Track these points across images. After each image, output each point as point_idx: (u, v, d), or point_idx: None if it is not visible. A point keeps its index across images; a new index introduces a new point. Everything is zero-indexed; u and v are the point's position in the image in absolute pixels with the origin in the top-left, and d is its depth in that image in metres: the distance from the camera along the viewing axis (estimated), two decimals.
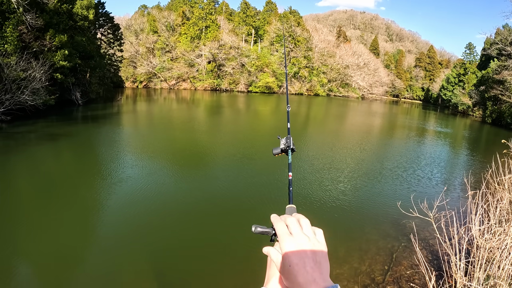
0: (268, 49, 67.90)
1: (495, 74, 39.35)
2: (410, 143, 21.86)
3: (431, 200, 7.13)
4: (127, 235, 7.37)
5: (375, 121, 34.79)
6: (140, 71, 54.66)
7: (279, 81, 64.43)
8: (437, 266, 6.30)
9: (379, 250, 7.27)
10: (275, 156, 1.62)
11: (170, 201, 9.42)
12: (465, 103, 52.84)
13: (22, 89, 17.61)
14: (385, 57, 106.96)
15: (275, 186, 11.05)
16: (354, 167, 14.05)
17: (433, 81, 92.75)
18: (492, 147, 21.36)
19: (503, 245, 4.71)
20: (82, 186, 10.11)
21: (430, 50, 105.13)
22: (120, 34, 40.31)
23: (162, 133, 19.73)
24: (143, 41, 58.57)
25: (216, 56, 58.18)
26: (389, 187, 11.75)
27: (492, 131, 33.58)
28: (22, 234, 6.96)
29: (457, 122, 42.56)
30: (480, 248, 4.95)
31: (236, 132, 22.25)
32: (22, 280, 5.73)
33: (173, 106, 36.79)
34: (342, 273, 6.30)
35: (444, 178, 13.46)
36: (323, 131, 23.71)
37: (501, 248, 4.63)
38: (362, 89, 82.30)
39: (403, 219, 8.34)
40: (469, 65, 60.51)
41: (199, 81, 58.53)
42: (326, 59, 74.34)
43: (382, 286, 5.85)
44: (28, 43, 19.48)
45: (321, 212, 9.11)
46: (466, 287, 4.28)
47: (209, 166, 13.52)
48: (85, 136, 16.78)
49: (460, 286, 4.24)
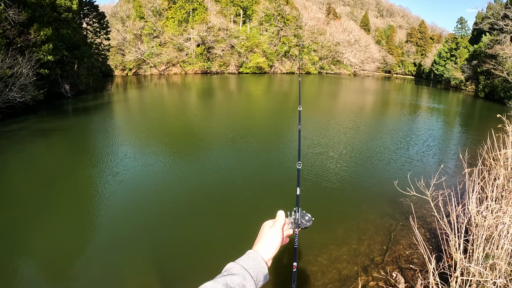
0: (257, 29, 66.82)
1: (487, 48, 39.24)
2: (403, 121, 21.88)
3: (428, 178, 7.12)
4: (126, 225, 7.34)
5: (368, 98, 34.72)
6: (129, 59, 53.55)
7: (270, 61, 63.79)
8: (435, 245, 6.36)
9: (377, 229, 7.31)
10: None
11: (168, 188, 9.36)
12: (457, 77, 52.84)
13: (10, 86, 17.15)
14: (376, 33, 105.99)
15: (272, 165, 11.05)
16: (348, 146, 14.04)
17: (425, 56, 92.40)
18: (486, 122, 21.49)
19: (500, 223, 4.72)
20: (78, 179, 10.01)
21: (421, 25, 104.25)
22: (106, 23, 39.23)
23: (155, 120, 19.50)
24: (130, 27, 57.19)
25: (205, 39, 57.16)
26: (385, 166, 11.77)
27: (485, 105, 33.73)
28: (21, 232, 6.88)
29: (450, 97, 42.64)
30: (478, 226, 4.97)
31: (229, 114, 22.07)
32: (23, 277, 5.68)
33: (164, 91, 36.33)
34: (341, 254, 6.34)
35: (440, 156, 13.52)
36: (315, 110, 23.59)
37: (499, 226, 4.64)
38: (353, 66, 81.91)
39: (400, 197, 8.38)
40: (461, 39, 60.21)
41: (189, 65, 57.64)
42: (317, 37, 73.51)
43: (382, 266, 5.90)
44: (12, 39, 18.86)
45: (316, 193, 9.12)
46: (466, 268, 4.30)
47: (204, 150, 13.41)
48: (77, 128, 16.52)
49: (459, 266, 4.26)
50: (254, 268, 1.10)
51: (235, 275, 1.04)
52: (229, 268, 1.08)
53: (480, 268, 4.11)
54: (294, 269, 1.29)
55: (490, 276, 3.97)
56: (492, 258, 4.23)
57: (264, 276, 1.12)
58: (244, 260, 1.12)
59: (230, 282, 1.00)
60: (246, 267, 1.08)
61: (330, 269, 5.87)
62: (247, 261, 1.11)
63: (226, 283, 0.99)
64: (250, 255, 1.14)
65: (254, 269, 1.09)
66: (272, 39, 66.04)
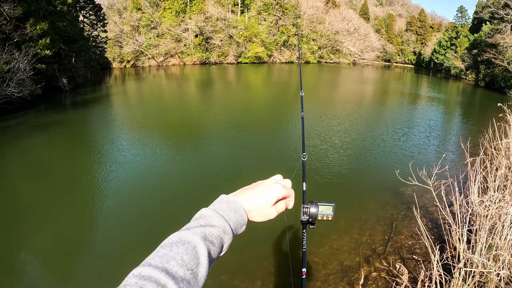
0: (255, 19, 66.15)
1: (488, 37, 38.92)
2: (404, 110, 21.82)
3: (429, 168, 7.11)
4: (127, 216, 7.34)
5: (368, 88, 34.56)
6: (127, 51, 52.99)
7: (269, 51, 63.34)
8: (437, 235, 6.35)
9: (379, 219, 7.31)
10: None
11: (169, 178, 9.37)
12: (457, 66, 52.55)
13: (7, 81, 16.96)
14: (375, 21, 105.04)
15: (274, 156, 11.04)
16: (348, 136, 14.00)
17: (425, 45, 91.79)
18: (486, 111, 21.43)
19: (503, 213, 4.71)
20: (78, 172, 9.99)
21: (421, 14, 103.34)
22: (103, 15, 38.73)
23: (154, 111, 19.42)
24: (127, 19, 56.50)
25: (203, 29, 56.59)
26: (386, 155, 11.75)
27: (486, 94, 33.60)
28: (21, 226, 6.87)
29: (450, 86, 42.48)
30: (480, 216, 4.96)
31: (228, 104, 21.98)
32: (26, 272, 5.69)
33: (163, 82, 36.11)
34: (343, 245, 6.34)
35: (442, 145, 13.49)
36: (314, 100, 23.48)
37: (502, 217, 4.63)
38: (353, 55, 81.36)
39: (401, 187, 8.39)
40: (461, 28, 59.69)
41: (188, 55, 57.15)
42: (316, 26, 72.87)
43: (384, 257, 5.90)
44: (8, 34, 18.60)
45: (316, 183, 9.10)
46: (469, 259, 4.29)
47: (204, 140, 13.39)
48: (76, 122, 16.42)
49: (463, 257, 4.25)
50: (235, 220, 0.94)
51: (214, 227, 0.88)
52: (206, 216, 0.91)
53: (483, 259, 4.10)
54: (303, 276, 1.15)
55: (493, 267, 3.96)
56: (496, 249, 4.22)
57: (242, 229, 0.98)
58: (225, 210, 0.94)
59: (209, 235, 0.86)
60: (227, 218, 0.92)
61: (332, 260, 5.87)
62: (228, 212, 0.94)
63: (204, 235, 0.85)
64: (231, 205, 0.97)
65: (235, 221, 0.94)
66: (270, 28, 65.43)
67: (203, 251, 0.81)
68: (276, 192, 1.05)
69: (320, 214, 1.21)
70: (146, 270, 0.71)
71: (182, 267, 0.75)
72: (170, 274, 0.72)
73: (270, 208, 1.04)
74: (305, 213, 1.23)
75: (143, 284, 0.68)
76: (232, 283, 5.33)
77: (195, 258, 0.79)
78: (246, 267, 5.68)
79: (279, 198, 1.06)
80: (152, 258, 0.75)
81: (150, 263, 0.74)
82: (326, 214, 1.21)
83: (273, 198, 1.04)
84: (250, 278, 5.40)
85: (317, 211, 1.21)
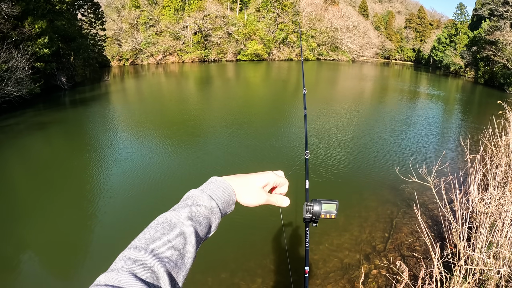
0: (254, 16, 65.98)
1: (487, 34, 38.87)
2: (403, 108, 21.82)
3: (429, 165, 7.10)
4: (126, 214, 7.34)
5: (367, 85, 34.54)
6: (125, 48, 52.76)
7: (268, 48, 63.22)
8: (437, 232, 6.35)
9: (378, 216, 7.31)
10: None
11: (168, 175, 9.36)
12: (457, 63, 52.50)
13: (5, 81, 16.86)
14: (374, 18, 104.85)
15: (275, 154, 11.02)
16: (348, 133, 13.99)
17: (424, 42, 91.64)
18: (486, 108, 21.44)
19: (504, 211, 4.70)
20: (78, 170, 9.97)
21: (420, 11, 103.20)
22: (101, 13, 38.55)
23: (153, 109, 19.39)
24: (126, 17, 56.25)
25: (202, 27, 56.41)
26: (386, 153, 11.75)
27: (485, 91, 33.59)
28: (21, 225, 6.87)
29: (449, 83, 42.46)
30: (480, 214, 4.95)
31: (227, 102, 21.94)
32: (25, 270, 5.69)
33: (162, 80, 36.04)
34: (342, 242, 6.34)
35: (442, 143, 13.49)
36: (313, 97, 23.45)
37: (502, 214, 4.62)
38: (352, 52, 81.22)
39: (401, 184, 8.37)
40: (460, 25, 59.60)
41: (186, 53, 56.99)
42: (315, 23, 72.69)
43: (384, 254, 5.90)
44: (6, 33, 18.51)
45: (316, 180, 9.09)
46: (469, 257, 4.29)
47: (203, 138, 13.37)
48: (75, 120, 16.38)
49: (463, 255, 4.24)
50: (223, 199, 0.93)
51: (201, 206, 0.87)
52: (194, 196, 0.91)
53: (484, 256, 4.10)
54: (306, 274, 1.13)
55: (494, 265, 3.96)
56: (496, 246, 4.22)
57: (230, 208, 0.97)
58: (213, 189, 0.93)
59: (196, 214, 0.84)
60: (214, 197, 0.91)
61: (332, 257, 5.87)
62: (215, 191, 0.93)
63: (191, 215, 0.84)
64: (219, 184, 0.95)
65: (223, 201, 0.93)
66: (269, 26, 65.29)
67: (190, 230, 0.80)
68: (266, 176, 1.05)
69: (323, 212, 1.21)
70: (132, 253, 0.70)
71: (169, 247, 0.74)
72: (157, 255, 0.71)
73: (260, 190, 1.02)
74: (308, 211, 1.21)
75: (130, 267, 0.67)
76: (232, 281, 5.33)
77: (182, 238, 0.78)
78: (246, 265, 5.68)
79: (270, 183, 1.06)
80: (138, 240, 0.75)
81: (136, 245, 0.73)
82: (330, 212, 1.21)
83: (263, 179, 1.03)
84: (250, 276, 5.40)
85: (320, 209, 1.20)
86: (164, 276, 0.69)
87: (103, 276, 0.65)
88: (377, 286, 5.13)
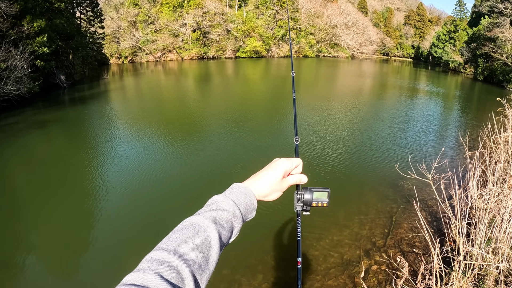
0: (253, 13, 65.85)
1: (487, 31, 38.80)
2: (403, 104, 21.84)
3: (429, 161, 7.12)
4: (127, 212, 7.36)
5: (366, 82, 34.53)
6: (124, 46, 52.64)
7: (267, 45, 63.15)
8: (436, 228, 6.40)
9: (378, 213, 7.35)
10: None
11: (168, 172, 9.41)
12: (456, 60, 52.52)
13: (4, 79, 16.83)
14: (373, 15, 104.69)
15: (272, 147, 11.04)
16: (347, 129, 14.01)
17: (423, 39, 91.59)
18: (485, 105, 21.47)
19: (502, 207, 4.74)
20: (78, 168, 9.99)
21: (420, 7, 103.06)
22: (100, 11, 38.47)
23: (153, 106, 19.38)
24: (124, 15, 56.03)
25: (201, 24, 56.29)
26: (386, 149, 11.79)
27: (485, 88, 33.62)
28: (22, 224, 6.90)
29: (448, 80, 42.47)
30: (480, 210, 4.99)
31: (226, 99, 21.95)
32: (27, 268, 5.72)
33: (161, 77, 36.00)
34: (342, 238, 6.38)
35: (441, 139, 13.52)
36: (312, 94, 23.47)
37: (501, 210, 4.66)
38: (351, 49, 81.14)
39: (400, 180, 8.43)
40: (459, 22, 59.60)
41: (185, 50, 56.89)
42: (314, 20, 72.56)
43: (384, 250, 5.95)
44: (5, 32, 18.46)
45: (315, 176, 9.13)
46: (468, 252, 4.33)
47: (203, 134, 13.38)
48: (74, 118, 16.37)
49: (462, 250, 4.29)
50: (245, 205, 0.98)
51: (224, 210, 0.92)
52: (217, 202, 0.95)
53: (483, 252, 4.14)
54: (298, 266, 1.10)
55: (493, 260, 4.00)
56: (495, 242, 4.26)
57: (252, 214, 1.02)
58: (235, 195, 0.98)
59: (220, 219, 0.88)
60: (237, 202, 0.96)
61: (332, 253, 5.91)
62: (238, 196, 0.98)
63: (215, 219, 0.88)
64: (242, 190, 1.00)
65: (245, 206, 0.98)
66: (268, 22, 65.17)
67: (214, 234, 0.83)
68: (281, 165, 1.10)
69: (315, 201, 1.18)
70: (158, 254, 0.73)
71: (194, 250, 0.77)
72: (182, 256, 0.74)
73: (279, 184, 1.08)
74: (299, 200, 1.18)
75: (156, 267, 0.70)
76: (233, 277, 5.36)
77: (206, 241, 0.81)
78: (247, 261, 5.72)
79: (287, 170, 1.11)
80: (164, 243, 0.78)
81: (162, 247, 0.76)
82: (321, 201, 1.18)
83: (281, 171, 1.09)
84: (252, 272, 5.44)
85: (311, 198, 1.18)
86: (189, 277, 0.72)
87: (129, 276, 0.68)
88: (377, 282, 5.17)
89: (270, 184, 1.06)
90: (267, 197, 1.07)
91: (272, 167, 1.09)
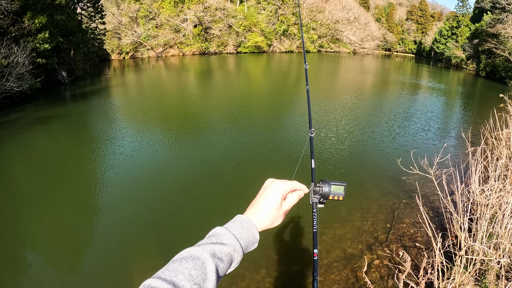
0: (255, 8, 65.55)
1: (489, 27, 38.63)
2: (405, 100, 21.81)
3: (431, 157, 7.17)
4: (130, 208, 7.41)
5: (368, 77, 34.44)
6: (125, 42, 52.49)
7: (268, 40, 62.97)
8: (438, 223, 6.45)
9: (380, 207, 7.40)
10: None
11: (171, 168, 9.43)
12: (458, 56, 52.29)
13: (6, 76, 16.81)
14: (375, 10, 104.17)
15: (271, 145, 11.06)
16: (349, 124, 14.02)
17: (426, 34, 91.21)
18: (487, 101, 21.44)
19: (504, 202, 4.78)
20: (80, 165, 10.03)
21: (422, 3, 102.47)
22: (101, 6, 38.27)
23: (154, 102, 19.42)
24: (125, 10, 55.83)
25: (202, 19, 56.09)
26: (388, 145, 11.81)
27: (487, 84, 33.54)
28: (25, 220, 6.94)
29: (450, 76, 42.33)
30: (481, 205, 5.03)
31: (229, 94, 21.95)
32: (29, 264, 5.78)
33: (163, 73, 35.95)
34: (345, 233, 6.44)
35: (443, 135, 13.54)
36: (314, 89, 23.43)
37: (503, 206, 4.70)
38: (353, 44, 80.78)
39: (403, 176, 8.46)
40: (462, 18, 59.24)
41: (187, 46, 56.75)
42: (315, 15, 72.22)
43: (386, 244, 6.00)
44: (6, 29, 18.43)
45: (318, 171, 9.16)
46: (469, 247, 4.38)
47: (206, 129, 13.41)
48: (76, 114, 16.39)
49: (464, 245, 4.33)
50: (246, 239, 1.00)
51: (225, 245, 0.94)
52: (218, 234, 0.97)
53: (484, 247, 4.18)
54: (315, 257, 1.13)
55: (494, 255, 4.05)
56: (496, 237, 4.31)
57: (253, 246, 1.05)
58: (237, 228, 1.00)
59: (218, 252, 0.91)
60: (238, 237, 0.98)
61: (335, 247, 5.97)
62: (240, 230, 1.00)
63: (214, 252, 0.90)
64: (244, 224, 1.03)
65: (246, 240, 1.00)
66: (270, 18, 64.94)
67: (211, 267, 0.87)
68: (277, 190, 1.12)
69: (332, 194, 1.20)
70: (155, 282, 0.78)
71: (189, 281, 0.81)
72: (177, 287, 0.78)
73: (280, 208, 1.11)
74: (317, 192, 1.20)
75: None
76: (236, 271, 5.41)
77: (203, 273, 0.85)
78: (249, 256, 5.75)
79: (283, 194, 1.12)
80: (162, 272, 0.82)
81: (159, 276, 0.80)
82: (338, 194, 1.20)
83: (278, 197, 1.11)
84: (255, 266, 5.50)
85: (329, 191, 1.20)
86: None
87: None
88: (379, 276, 5.23)
89: (270, 213, 1.09)
90: (270, 226, 1.11)
91: (269, 194, 1.11)
